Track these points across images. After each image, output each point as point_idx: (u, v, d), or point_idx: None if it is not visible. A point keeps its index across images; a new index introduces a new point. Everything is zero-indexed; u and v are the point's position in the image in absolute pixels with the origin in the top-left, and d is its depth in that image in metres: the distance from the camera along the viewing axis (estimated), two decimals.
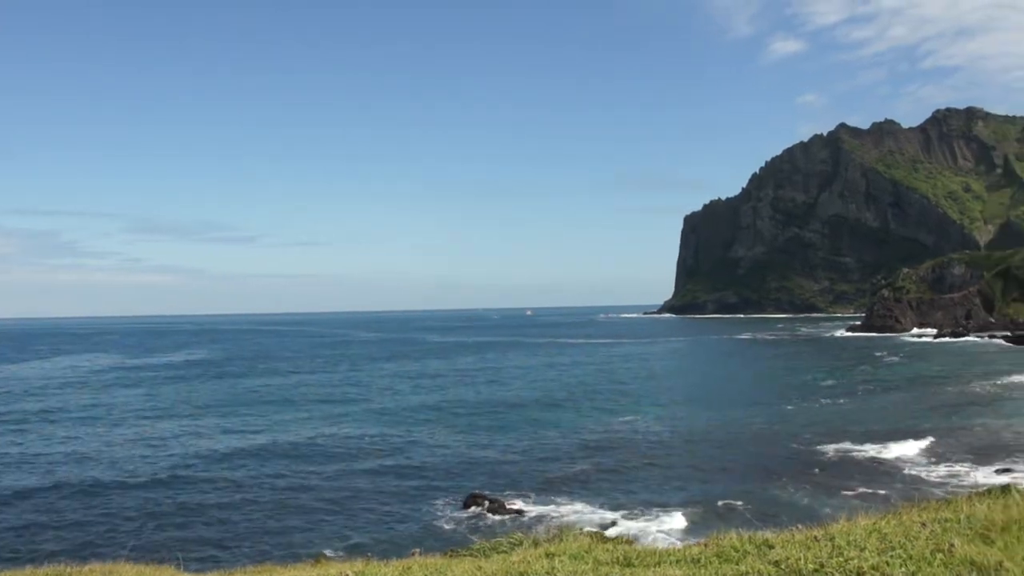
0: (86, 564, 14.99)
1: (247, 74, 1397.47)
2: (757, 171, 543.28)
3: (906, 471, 50.77)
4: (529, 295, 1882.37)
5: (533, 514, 42.06)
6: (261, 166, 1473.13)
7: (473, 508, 43.44)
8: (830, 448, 58.65)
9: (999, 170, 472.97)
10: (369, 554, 17.66)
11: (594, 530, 15.82)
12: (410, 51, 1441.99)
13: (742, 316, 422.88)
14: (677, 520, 40.18)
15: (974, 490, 17.19)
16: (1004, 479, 42.26)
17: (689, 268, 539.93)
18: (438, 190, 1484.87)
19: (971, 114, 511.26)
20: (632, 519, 40.72)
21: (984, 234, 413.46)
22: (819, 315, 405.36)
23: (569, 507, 43.50)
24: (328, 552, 34.14)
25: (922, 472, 50.40)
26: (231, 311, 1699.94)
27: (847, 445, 59.35)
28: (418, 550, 14.79)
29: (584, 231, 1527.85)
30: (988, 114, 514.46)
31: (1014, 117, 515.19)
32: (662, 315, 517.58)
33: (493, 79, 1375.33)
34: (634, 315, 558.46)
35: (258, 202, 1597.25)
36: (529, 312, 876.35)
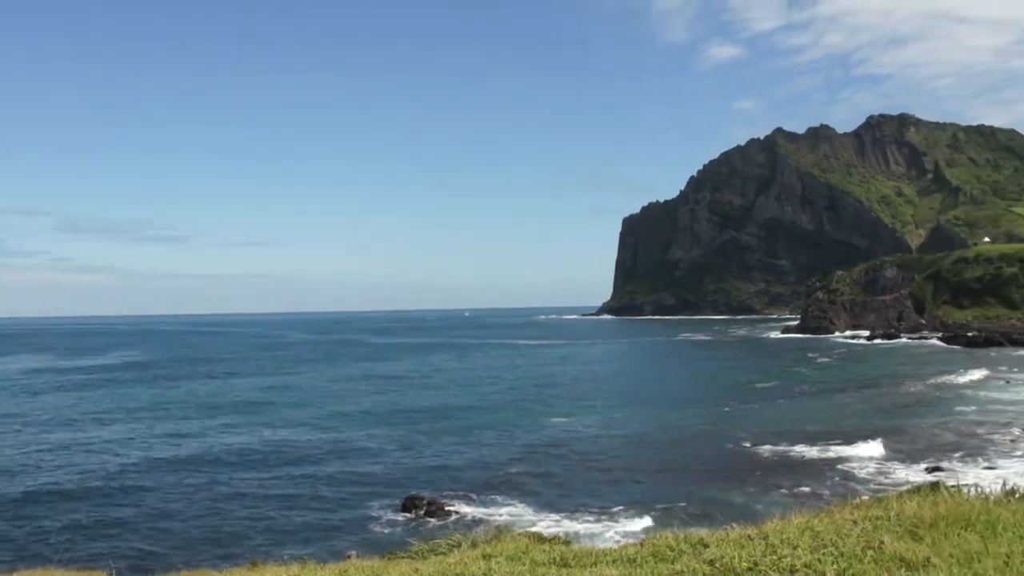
0: (14, 571, 14.12)
1: (180, 68, 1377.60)
2: (695, 174, 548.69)
3: (840, 470, 51.27)
4: (468, 296, 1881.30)
5: (473, 516, 41.77)
6: (196, 165, 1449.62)
7: (411, 511, 42.94)
8: (765, 448, 59.07)
9: (930, 175, 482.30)
10: (304, 558, 17.44)
11: (533, 531, 15.75)
12: (349, 51, 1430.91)
13: (680, 318, 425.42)
14: (615, 520, 40.17)
15: (905, 488, 17.60)
16: (934, 477, 42.77)
17: (627, 270, 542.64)
18: (376, 191, 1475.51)
19: (903, 120, 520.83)
20: (571, 520, 40.62)
21: (915, 238, 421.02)
22: (755, 316, 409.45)
23: (509, 508, 43.32)
24: (264, 557, 32.65)
25: (855, 471, 50.92)
26: (166, 312, 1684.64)
27: (782, 445, 59.78)
28: (354, 552, 15.11)
29: (522, 232, 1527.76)
30: (919, 121, 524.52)
31: (944, 124, 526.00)
32: (600, 316, 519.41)
33: (430, 80, 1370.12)
34: (573, 316, 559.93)
35: (194, 201, 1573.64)
36: (467, 313, 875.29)
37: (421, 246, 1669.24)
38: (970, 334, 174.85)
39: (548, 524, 39.02)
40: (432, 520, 41.22)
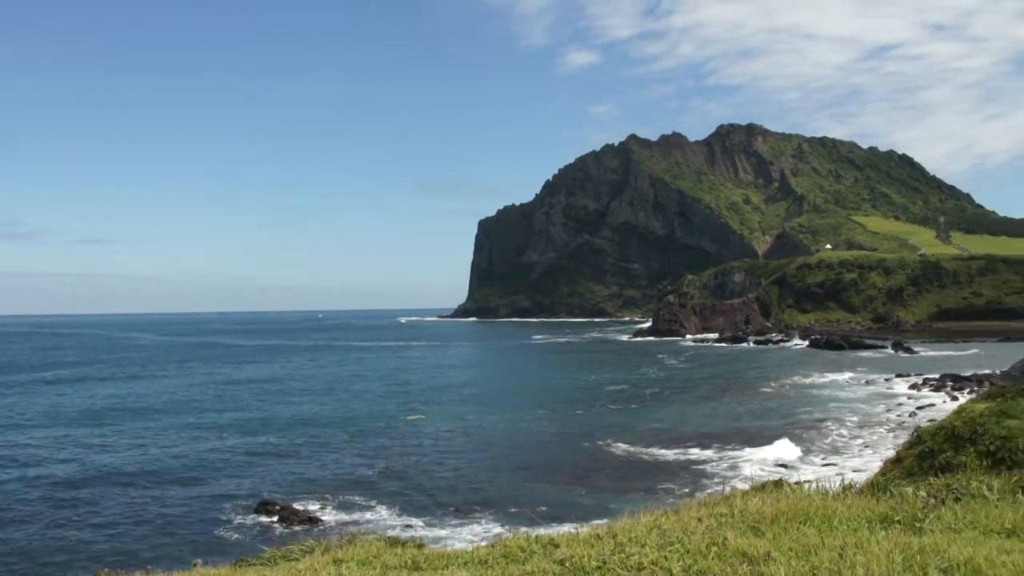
0: None
1: (30, 59, 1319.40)
2: (550, 178, 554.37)
3: (689, 469, 51.91)
4: (324, 297, 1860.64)
5: (328, 521, 41.08)
6: (39, 159, 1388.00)
7: (264, 516, 41.95)
8: (617, 448, 59.59)
9: (776, 184, 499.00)
10: (149, 568, 17.90)
11: (387, 535, 15.48)
12: (205, 48, 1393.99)
13: (534, 320, 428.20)
14: (469, 522, 40.18)
15: (751, 485, 17.39)
16: (778, 474, 42.46)
17: (483, 272, 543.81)
18: (232, 191, 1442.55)
19: (751, 130, 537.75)
20: (426, 522, 40.53)
21: (762, 244, 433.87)
22: (608, 319, 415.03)
23: (364, 512, 42.87)
24: (108, 568, 31.52)
25: (704, 469, 51.62)
26: (8, 312, 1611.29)
27: (633, 446, 60.33)
28: (199, 561, 14.50)
29: (380, 234, 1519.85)
30: (767, 131, 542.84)
31: (790, 135, 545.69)
32: (456, 319, 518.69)
33: (288, 79, 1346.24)
34: (430, 318, 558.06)
35: (37, 196, 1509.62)
36: (320, 315, 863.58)
37: (274, 247, 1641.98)
38: (813, 337, 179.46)
39: (403, 527, 38.83)
40: (286, 525, 40.28)
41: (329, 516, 42.01)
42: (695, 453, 56.79)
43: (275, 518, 41.35)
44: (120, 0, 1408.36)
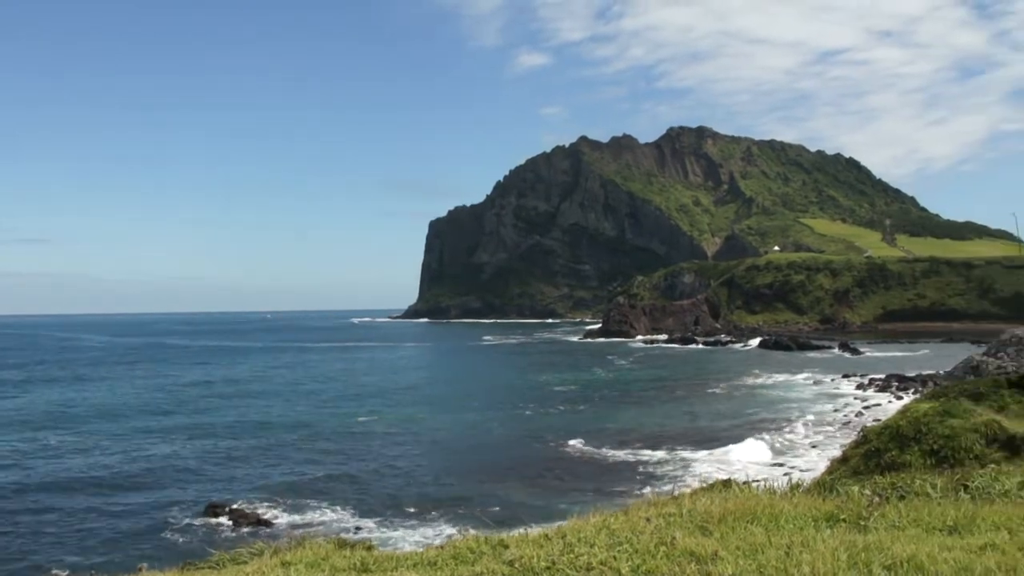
0: None
1: None
2: (501, 179, 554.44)
3: (640, 469, 52.11)
4: (273, 298, 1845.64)
5: (277, 523, 40.66)
6: None
7: (213, 519, 41.39)
8: (567, 449, 59.83)
9: (725, 186, 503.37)
10: (93, 572, 17.88)
11: (337, 536, 15.11)
12: (152, 47, 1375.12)
13: (485, 321, 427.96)
14: (420, 523, 40.17)
15: (700, 484, 17.82)
16: (727, 473, 42.75)
17: (434, 273, 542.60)
18: (181, 190, 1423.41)
19: (701, 133, 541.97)
20: (376, 523, 40.40)
21: (711, 245, 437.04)
22: (559, 320, 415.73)
23: (315, 514, 42.52)
24: (55, 572, 32.76)
25: (655, 469, 51.84)
26: None
27: (584, 446, 60.57)
28: (144, 566, 14.33)
29: (329, 234, 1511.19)
30: (716, 134, 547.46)
31: (739, 138, 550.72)
32: (407, 319, 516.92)
33: (237, 77, 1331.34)
34: (380, 319, 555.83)
35: None
36: (268, 316, 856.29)
37: (223, 247, 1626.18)
38: (762, 338, 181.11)
39: (354, 529, 38.67)
40: (235, 528, 39.86)
41: (279, 518, 41.59)
42: (645, 453, 57.02)
43: (224, 520, 40.86)
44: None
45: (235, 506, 43.02)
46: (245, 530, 39.02)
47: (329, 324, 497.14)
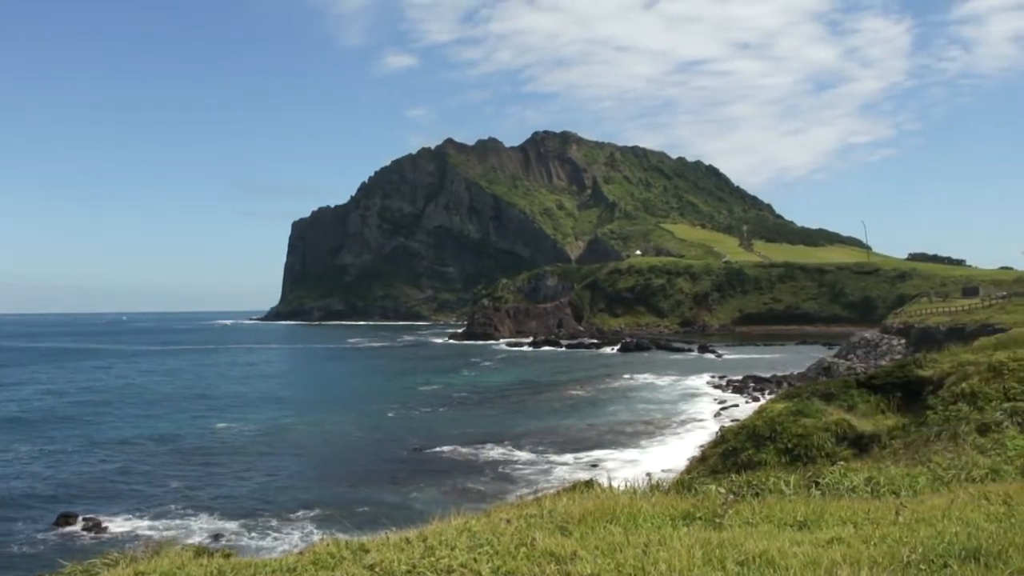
0: None
1: None
2: (366, 180, 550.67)
3: (504, 470, 52.50)
4: (129, 299, 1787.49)
5: (135, 532, 39.08)
6: None
7: (66, 528, 39.91)
8: (431, 451, 59.76)
9: (589, 191, 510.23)
10: None
11: (196, 544, 14.77)
12: (15, 43, 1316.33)
13: (349, 323, 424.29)
14: (281, 529, 39.69)
15: (562, 485, 18.43)
16: (590, 474, 43.30)
17: (297, 274, 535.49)
18: (27, 188, 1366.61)
19: (566, 138, 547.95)
20: (236, 530, 39.68)
21: (575, 249, 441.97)
22: (423, 323, 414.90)
23: (174, 522, 41.35)
24: None
25: (519, 470, 52.25)
26: None
27: (447, 448, 60.60)
28: None
29: (190, 235, 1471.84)
30: (580, 139, 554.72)
31: (602, 143, 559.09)
32: (269, 321, 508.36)
33: (97, 77, 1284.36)
34: (242, 321, 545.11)
35: None
36: (124, 318, 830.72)
37: (73, 247, 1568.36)
38: (624, 340, 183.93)
39: (215, 536, 37.89)
40: (90, 538, 38.38)
41: (137, 527, 40.24)
42: (510, 455, 57.37)
43: (77, 530, 39.49)
44: None
45: (89, 515, 41.54)
46: (100, 540, 37.63)
47: (189, 326, 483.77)
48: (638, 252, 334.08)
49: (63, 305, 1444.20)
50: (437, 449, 60.17)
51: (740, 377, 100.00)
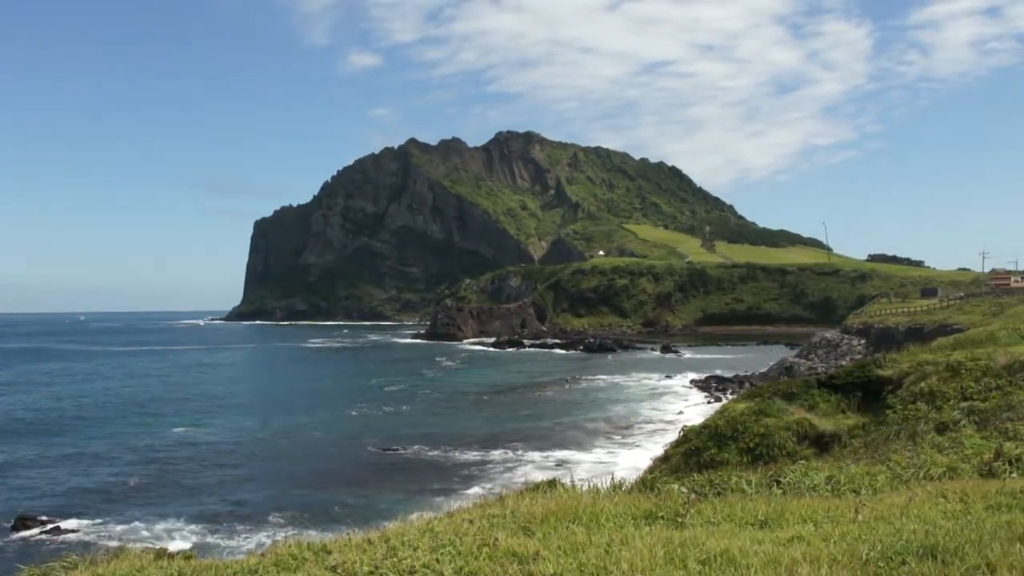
0: None
1: None
2: (329, 180, 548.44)
3: (467, 470, 52.47)
4: (88, 299, 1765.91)
5: (95, 535, 38.81)
6: None
7: (24, 532, 39.36)
8: (394, 451, 59.59)
9: (552, 191, 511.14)
10: None
11: (157, 547, 14.38)
12: None
13: (312, 323, 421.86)
14: (243, 531, 39.37)
15: (525, 485, 17.99)
16: (555, 474, 43.42)
17: (259, 274, 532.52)
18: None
19: (529, 138, 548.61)
20: (198, 532, 39.41)
21: (538, 249, 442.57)
22: (387, 323, 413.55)
23: (133, 524, 40.98)
24: None
25: (483, 469, 52.28)
26: None
27: (411, 447, 60.45)
28: None
29: (150, 235, 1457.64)
30: (544, 139, 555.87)
31: (565, 144, 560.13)
32: (231, 322, 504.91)
33: (61, 77, 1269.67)
34: (203, 321, 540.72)
35: None
36: (82, 317, 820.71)
37: (32, 245, 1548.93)
38: (587, 340, 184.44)
39: (177, 538, 37.63)
40: (49, 542, 37.92)
41: (97, 530, 39.86)
42: (474, 454, 57.40)
43: (35, 534, 39.01)
44: None
45: (48, 518, 41.06)
46: (59, 543, 37.16)
47: (147, 326, 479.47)
48: (601, 252, 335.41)
49: (23, 305, 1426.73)
50: (401, 449, 59.99)
51: (703, 377, 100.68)
